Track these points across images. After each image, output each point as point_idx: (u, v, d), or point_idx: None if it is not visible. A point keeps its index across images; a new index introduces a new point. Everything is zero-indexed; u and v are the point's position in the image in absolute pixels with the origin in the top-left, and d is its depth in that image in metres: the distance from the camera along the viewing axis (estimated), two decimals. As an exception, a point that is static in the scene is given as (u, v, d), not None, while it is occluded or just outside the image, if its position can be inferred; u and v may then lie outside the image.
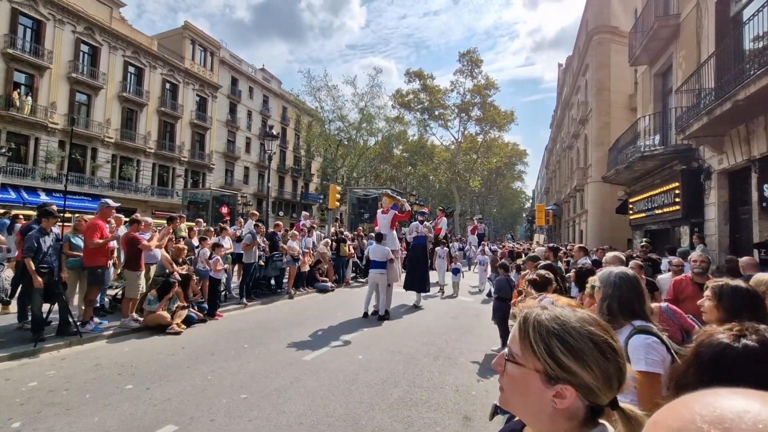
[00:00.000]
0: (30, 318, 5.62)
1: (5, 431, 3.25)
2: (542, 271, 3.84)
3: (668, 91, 12.42)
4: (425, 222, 9.78)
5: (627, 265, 4.69)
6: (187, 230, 9.80)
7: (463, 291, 11.96)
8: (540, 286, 3.61)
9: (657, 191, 12.13)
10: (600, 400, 0.71)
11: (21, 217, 9.05)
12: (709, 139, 8.89)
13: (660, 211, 11.89)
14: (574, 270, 5.25)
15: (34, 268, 5.32)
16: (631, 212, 14.78)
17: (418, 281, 9.57)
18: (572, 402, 0.70)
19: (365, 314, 7.99)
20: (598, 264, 5.33)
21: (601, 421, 0.74)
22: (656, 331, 1.73)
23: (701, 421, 0.33)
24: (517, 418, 0.92)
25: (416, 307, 9.23)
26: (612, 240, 17.39)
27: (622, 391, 0.74)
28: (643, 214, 13.43)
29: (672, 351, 1.67)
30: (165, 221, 7.90)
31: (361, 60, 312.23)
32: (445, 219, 14.60)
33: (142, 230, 6.96)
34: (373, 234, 10.85)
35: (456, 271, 11.53)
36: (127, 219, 7.20)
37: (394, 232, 9.25)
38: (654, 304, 2.00)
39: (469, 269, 17.73)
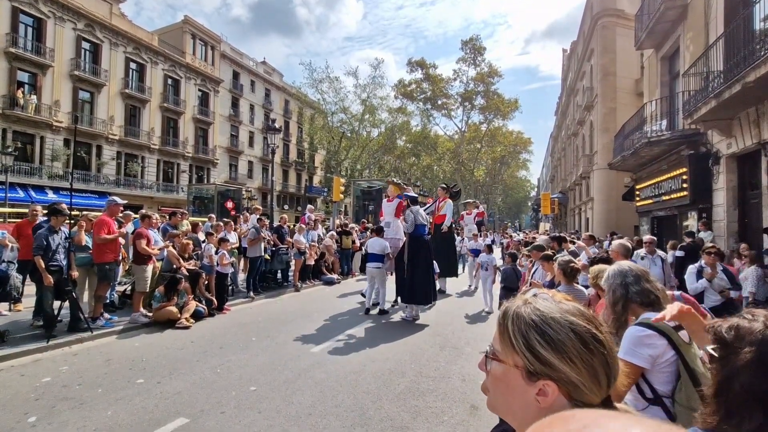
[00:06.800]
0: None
1: (22, 426, 3.33)
2: (575, 263, 3.74)
3: (675, 74, 12.19)
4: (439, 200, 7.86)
5: (633, 253, 4.63)
6: (189, 225, 9.72)
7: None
8: (571, 275, 3.58)
9: (664, 177, 11.98)
10: (588, 399, 0.65)
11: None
12: (718, 123, 8.73)
13: (667, 198, 11.75)
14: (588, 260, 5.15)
15: (44, 266, 5.41)
16: (637, 199, 14.62)
17: (416, 289, 7.22)
18: (556, 400, 0.64)
19: (367, 311, 7.71)
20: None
21: None
22: (662, 326, 1.64)
23: None
24: None
25: (406, 321, 7.12)
26: (618, 227, 17.26)
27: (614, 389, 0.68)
28: (650, 201, 13.28)
29: (679, 347, 1.63)
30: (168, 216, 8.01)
31: (359, 52, 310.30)
32: (450, 202, 10.06)
33: (152, 225, 7.17)
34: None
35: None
36: (136, 215, 7.31)
37: (399, 220, 8.56)
38: (668, 292, 1.96)
39: (463, 269, 12.57)
